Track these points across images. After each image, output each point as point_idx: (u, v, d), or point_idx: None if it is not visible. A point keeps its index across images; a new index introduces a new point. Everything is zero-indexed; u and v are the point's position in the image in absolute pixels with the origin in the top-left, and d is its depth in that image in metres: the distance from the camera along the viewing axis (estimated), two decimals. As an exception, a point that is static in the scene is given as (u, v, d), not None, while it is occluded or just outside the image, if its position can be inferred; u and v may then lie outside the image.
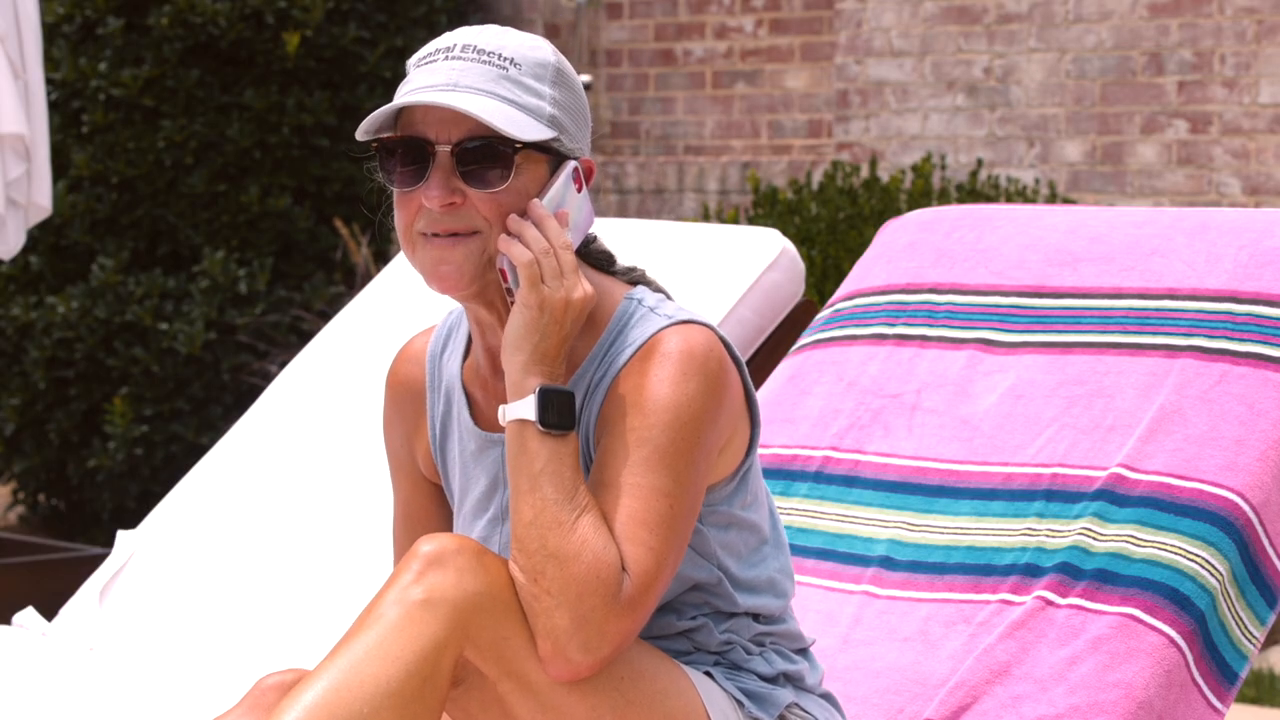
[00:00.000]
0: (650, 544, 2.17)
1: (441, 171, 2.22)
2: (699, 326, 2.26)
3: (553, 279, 2.21)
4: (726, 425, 2.26)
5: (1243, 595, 2.69)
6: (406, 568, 2.16)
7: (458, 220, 2.23)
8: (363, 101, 6.82)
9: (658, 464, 2.18)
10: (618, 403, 2.22)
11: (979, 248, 3.20)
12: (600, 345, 2.29)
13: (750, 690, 2.33)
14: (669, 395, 2.20)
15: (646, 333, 2.25)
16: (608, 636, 2.14)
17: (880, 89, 6.99)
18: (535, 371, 2.20)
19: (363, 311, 3.83)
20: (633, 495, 2.18)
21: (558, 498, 2.16)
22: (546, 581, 2.14)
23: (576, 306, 2.22)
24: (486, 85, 2.22)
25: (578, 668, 2.15)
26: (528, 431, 2.19)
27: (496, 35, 2.26)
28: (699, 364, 2.22)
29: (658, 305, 2.29)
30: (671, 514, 2.18)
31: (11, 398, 6.86)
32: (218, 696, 2.97)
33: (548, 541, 2.15)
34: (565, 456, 2.18)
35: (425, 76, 2.24)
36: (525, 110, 2.23)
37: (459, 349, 2.42)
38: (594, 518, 2.16)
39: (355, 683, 2.10)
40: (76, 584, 4.05)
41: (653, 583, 2.17)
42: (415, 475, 2.48)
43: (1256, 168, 6.36)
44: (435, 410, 2.43)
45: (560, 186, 2.25)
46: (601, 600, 2.13)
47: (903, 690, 2.69)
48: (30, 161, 5.13)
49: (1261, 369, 2.83)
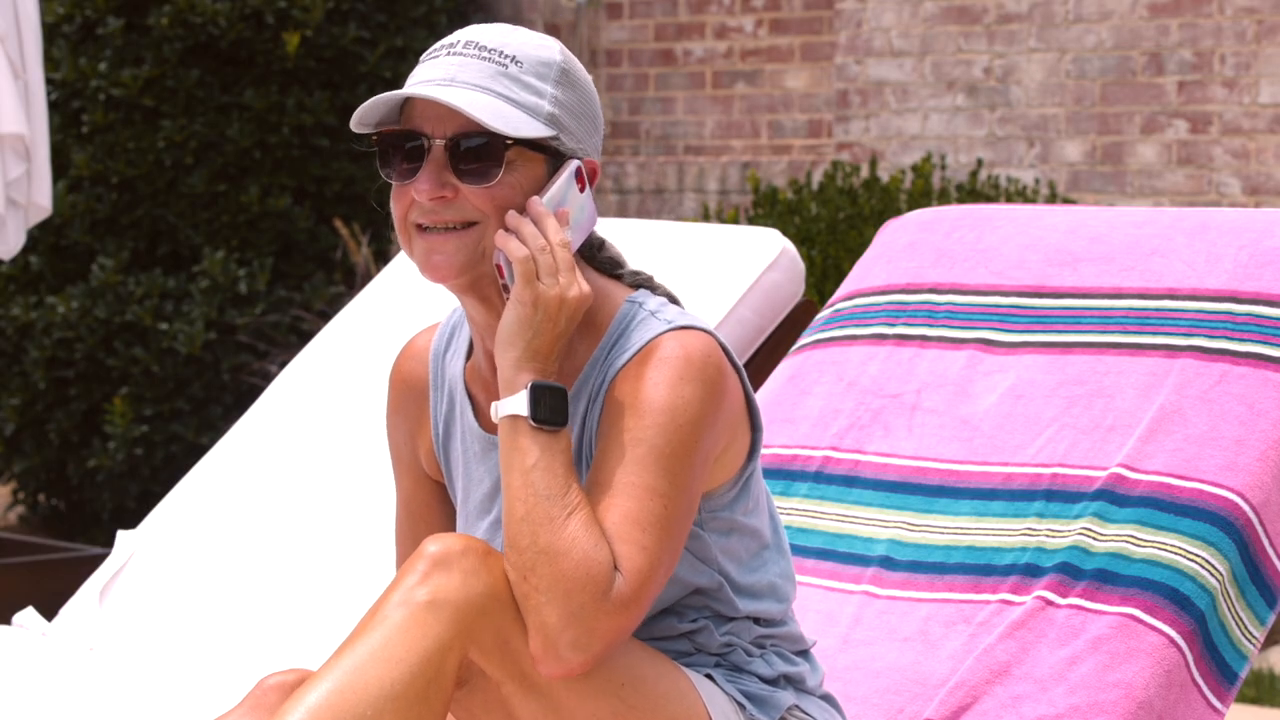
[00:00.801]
0: (643, 543, 2.16)
1: (434, 165, 2.23)
2: (698, 332, 2.25)
3: (548, 276, 2.20)
4: (724, 431, 2.26)
5: (1243, 595, 2.69)
6: (412, 569, 2.16)
7: (450, 212, 2.24)
8: (363, 101, 6.82)
9: (653, 464, 2.18)
10: (614, 406, 2.22)
11: (979, 248, 3.20)
12: (601, 349, 2.28)
13: (751, 692, 2.33)
14: (665, 398, 2.20)
15: (645, 337, 2.25)
16: (598, 634, 2.14)
17: (880, 89, 6.99)
18: (528, 368, 2.20)
19: (363, 311, 3.83)
20: (627, 494, 2.17)
21: (549, 494, 2.16)
22: (536, 578, 2.14)
23: (571, 304, 2.21)
24: (483, 81, 2.22)
25: (569, 665, 2.15)
26: (520, 427, 2.19)
27: (502, 33, 2.27)
28: (697, 369, 2.21)
29: (659, 309, 2.29)
30: (666, 514, 2.18)
31: (11, 398, 6.86)
32: (218, 696, 2.97)
33: (538, 538, 2.14)
34: (557, 453, 2.18)
35: (426, 70, 2.25)
36: (521, 107, 2.23)
37: (461, 349, 2.42)
38: (585, 515, 2.15)
39: (359, 684, 2.10)
40: (76, 584, 4.05)
41: (646, 582, 2.16)
42: (417, 472, 2.48)
43: (1256, 168, 6.36)
44: (438, 408, 2.43)
45: (561, 185, 2.24)
46: (591, 598, 2.13)
47: (903, 690, 2.69)
48: (30, 161, 5.13)
49: (1261, 369, 2.83)
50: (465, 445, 2.39)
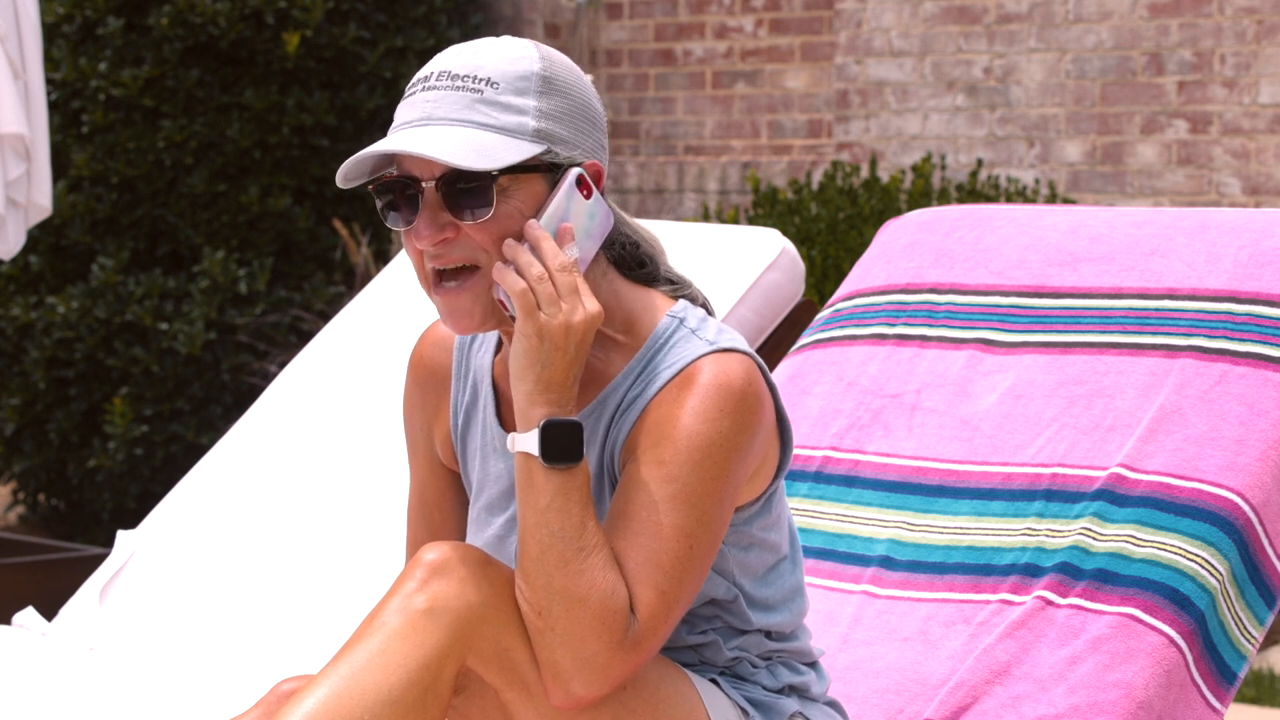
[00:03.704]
0: (663, 587, 2.14)
1: (430, 208, 2.18)
2: (738, 355, 2.21)
3: (549, 305, 2.14)
4: (757, 454, 2.23)
5: (1242, 595, 2.69)
6: (410, 576, 2.15)
7: (458, 251, 2.19)
8: (363, 101, 6.82)
9: (683, 503, 2.15)
10: (650, 430, 2.18)
11: (979, 248, 3.20)
12: (637, 361, 2.25)
13: (755, 699, 2.32)
14: (703, 432, 2.16)
15: (685, 357, 2.21)
16: (611, 678, 2.13)
17: (880, 89, 6.99)
18: (541, 401, 2.15)
19: (363, 311, 3.83)
20: (652, 534, 2.14)
21: (565, 534, 2.13)
22: (551, 619, 2.12)
23: (579, 330, 2.15)
24: (459, 114, 2.17)
25: (578, 701, 2.15)
26: (533, 465, 2.15)
27: (474, 55, 2.20)
28: (736, 399, 2.17)
29: (699, 327, 2.24)
30: (689, 555, 2.15)
31: (11, 398, 6.86)
32: (218, 696, 2.97)
33: (554, 580, 2.12)
34: (572, 491, 2.14)
35: (404, 112, 2.20)
36: (502, 132, 2.17)
37: (490, 341, 2.38)
38: (603, 557, 2.13)
39: (357, 690, 2.09)
40: (76, 584, 4.06)
41: (660, 625, 2.15)
42: (432, 459, 2.45)
43: (1256, 168, 6.36)
44: (460, 398, 2.39)
45: (561, 199, 2.18)
46: (605, 645, 2.11)
47: (903, 690, 2.69)
48: (30, 161, 5.13)
49: (1261, 369, 2.83)
50: (485, 439, 2.36)
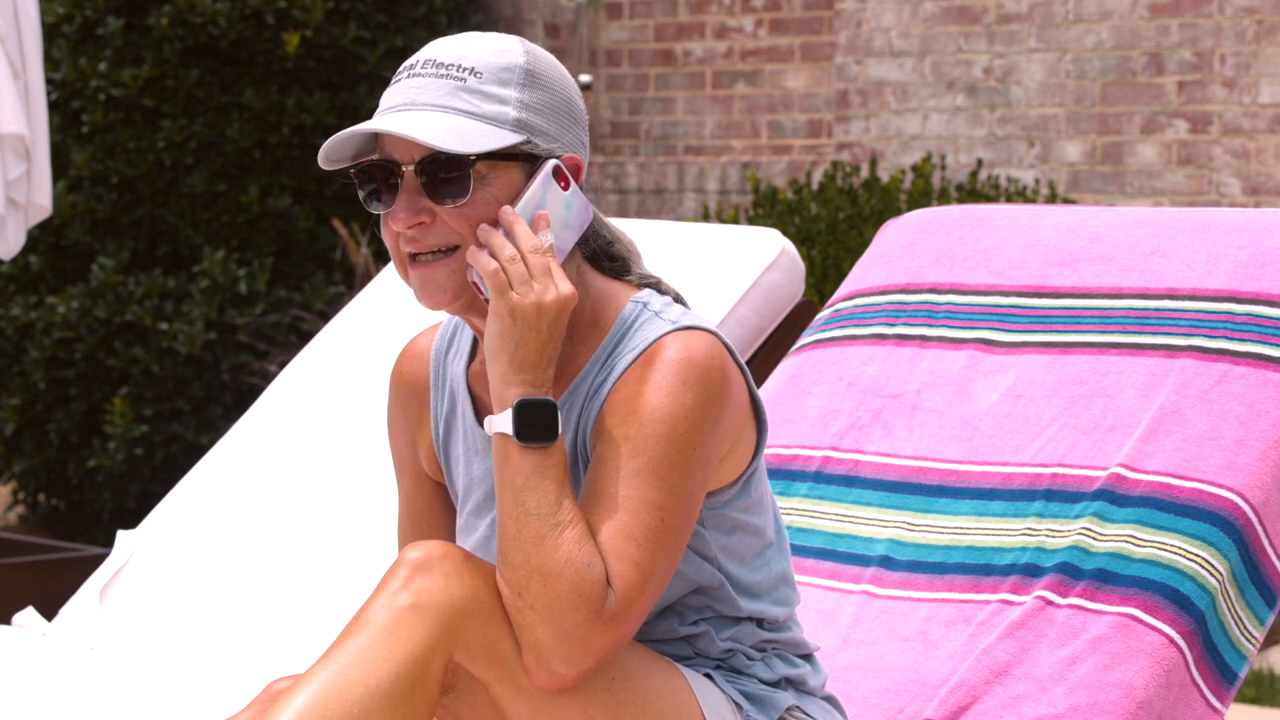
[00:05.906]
0: (637, 559, 2.16)
1: (408, 192, 2.22)
2: (701, 333, 2.24)
3: (521, 285, 2.18)
4: (728, 433, 2.25)
5: (1242, 595, 2.69)
6: (394, 574, 2.18)
7: (432, 237, 2.23)
8: (363, 101, 6.82)
9: (651, 476, 2.18)
10: (615, 409, 2.22)
11: (979, 248, 3.20)
12: (603, 348, 2.28)
13: (750, 693, 2.33)
14: (666, 405, 2.19)
15: (648, 337, 2.24)
16: (591, 651, 2.15)
17: (880, 89, 6.99)
18: (515, 381, 2.19)
19: (363, 311, 3.83)
20: (623, 508, 2.17)
21: (540, 512, 2.16)
22: (530, 597, 2.15)
23: (551, 310, 2.19)
24: (441, 100, 2.21)
25: (562, 679, 2.16)
26: (509, 445, 2.19)
27: (460, 45, 2.25)
28: (699, 373, 2.21)
29: (663, 309, 2.28)
30: (662, 527, 2.18)
31: (11, 398, 6.86)
32: (218, 696, 2.98)
33: (530, 557, 2.15)
34: (548, 469, 2.18)
35: (389, 97, 2.25)
36: (482, 119, 2.21)
37: (464, 349, 2.42)
38: (578, 532, 2.15)
39: (345, 685, 2.11)
40: (76, 584, 4.06)
41: (637, 598, 2.16)
42: (418, 474, 2.48)
43: (1256, 168, 6.36)
44: (439, 408, 2.43)
45: (537, 188, 2.23)
46: (584, 617, 2.13)
47: (903, 690, 2.70)
48: (30, 161, 5.13)
49: (1261, 369, 2.83)
50: (466, 445, 2.39)
